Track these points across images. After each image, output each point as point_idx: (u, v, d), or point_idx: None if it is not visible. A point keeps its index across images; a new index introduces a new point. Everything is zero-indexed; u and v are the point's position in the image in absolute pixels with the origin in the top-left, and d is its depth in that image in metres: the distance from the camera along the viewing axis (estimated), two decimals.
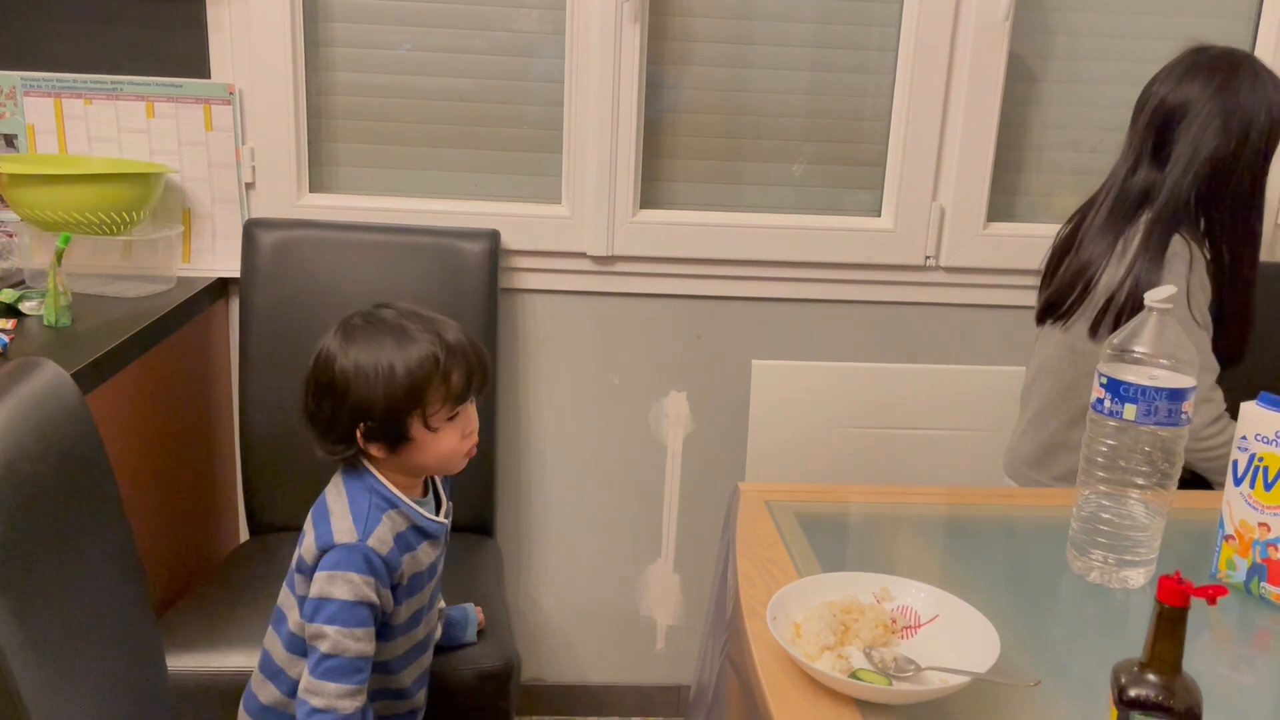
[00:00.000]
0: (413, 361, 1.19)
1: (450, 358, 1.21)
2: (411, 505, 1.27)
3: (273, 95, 1.83)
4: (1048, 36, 1.96)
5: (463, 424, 1.25)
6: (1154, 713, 0.79)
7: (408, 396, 1.19)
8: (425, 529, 1.28)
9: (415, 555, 1.27)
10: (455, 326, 1.25)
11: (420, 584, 1.29)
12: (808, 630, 0.98)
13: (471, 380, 1.24)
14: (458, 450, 1.26)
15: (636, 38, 1.85)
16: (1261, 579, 1.14)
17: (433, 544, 1.31)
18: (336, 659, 1.18)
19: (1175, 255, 1.51)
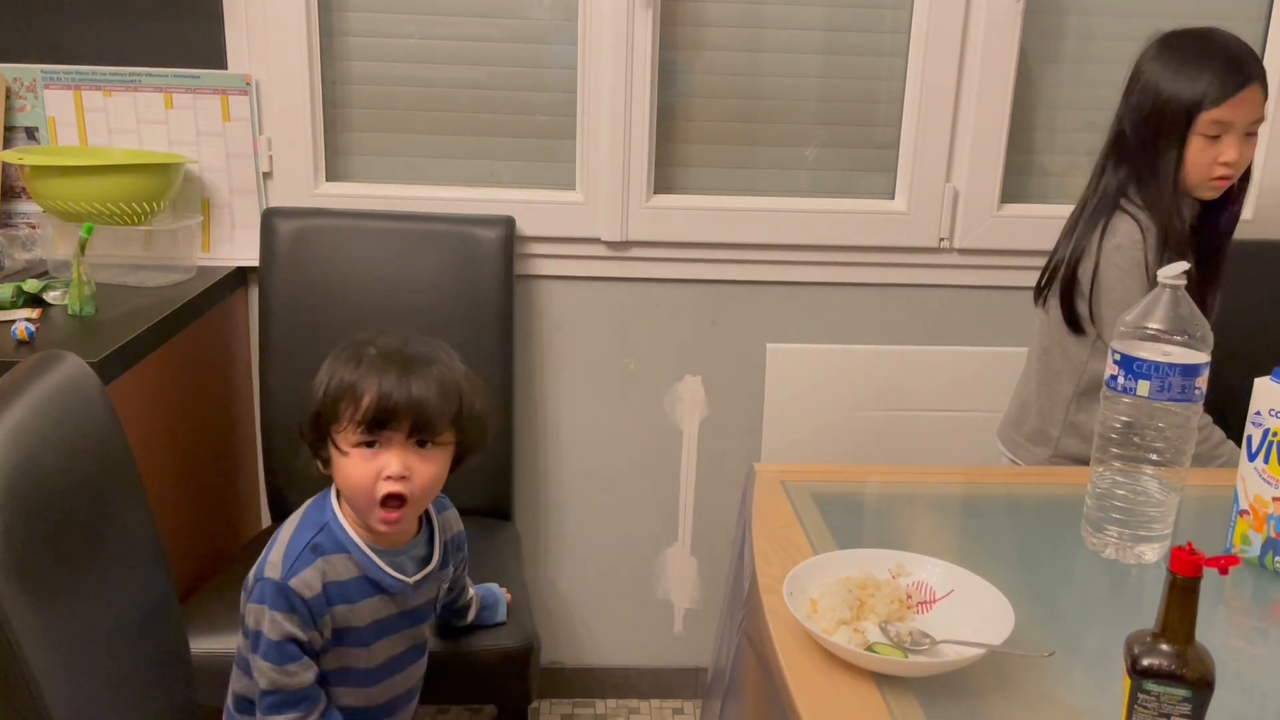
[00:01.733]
0: (342, 376, 1.15)
1: (371, 381, 1.13)
2: (368, 553, 1.19)
3: (289, 85, 1.85)
4: (1060, 16, 1.95)
5: (381, 462, 1.15)
6: (1167, 681, 0.80)
7: (327, 408, 1.15)
8: (378, 582, 1.20)
9: (354, 608, 1.19)
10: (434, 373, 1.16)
11: (360, 640, 1.21)
12: (824, 606, 1.00)
13: (386, 410, 1.13)
14: (367, 487, 1.15)
15: (649, 23, 1.86)
16: (1276, 553, 1.15)
17: (387, 601, 1.22)
18: (276, 694, 1.17)
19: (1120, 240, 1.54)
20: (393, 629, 1.24)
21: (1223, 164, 1.51)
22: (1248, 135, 1.51)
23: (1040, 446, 1.68)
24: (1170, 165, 1.52)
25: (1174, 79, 1.50)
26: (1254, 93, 1.49)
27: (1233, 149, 1.50)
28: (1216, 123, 1.49)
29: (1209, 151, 1.51)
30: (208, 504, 1.83)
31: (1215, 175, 1.52)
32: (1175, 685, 0.80)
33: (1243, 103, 1.49)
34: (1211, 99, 1.48)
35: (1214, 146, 1.50)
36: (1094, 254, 1.55)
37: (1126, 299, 1.52)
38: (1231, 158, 1.50)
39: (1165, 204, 1.52)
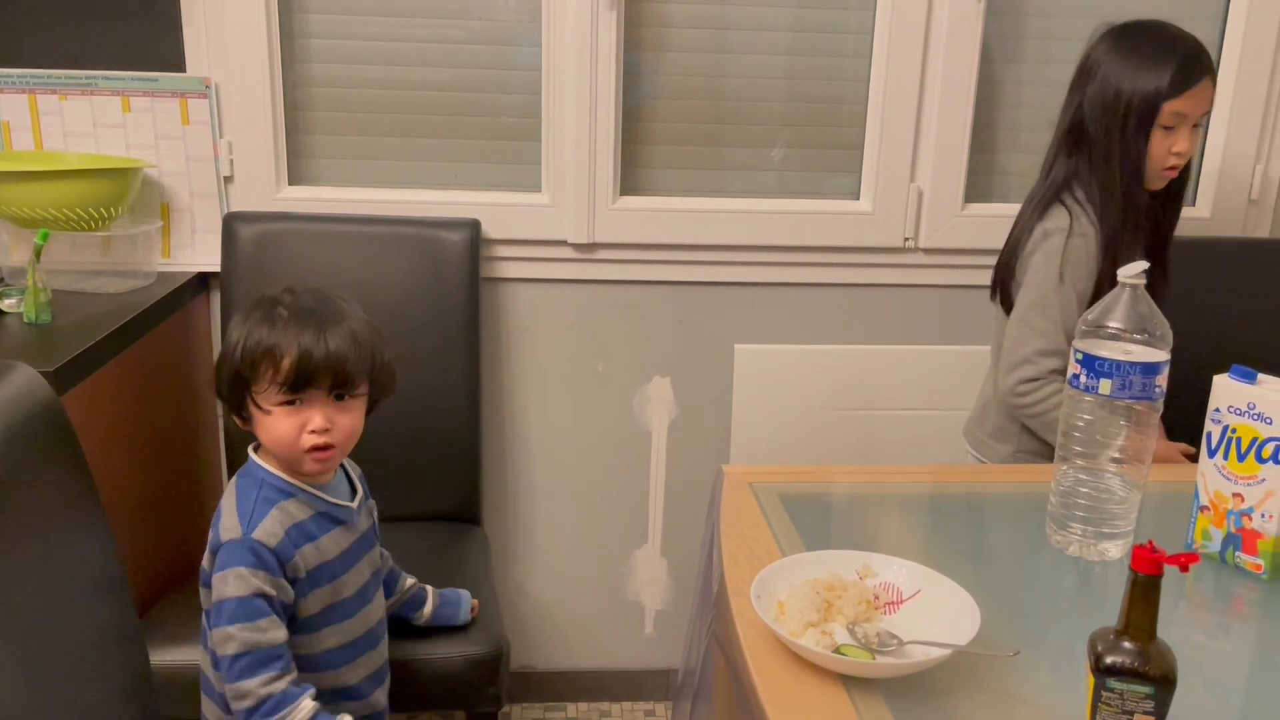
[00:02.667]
0: (256, 336, 1.18)
1: (288, 341, 1.17)
2: (312, 491, 1.24)
3: (249, 88, 1.82)
4: (1020, 17, 1.97)
5: (304, 417, 1.19)
6: (1129, 679, 0.81)
7: (241, 367, 1.18)
8: (332, 515, 1.26)
9: (319, 544, 1.23)
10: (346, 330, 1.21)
11: (332, 574, 1.25)
12: (791, 608, 1.00)
13: (307, 370, 1.17)
14: (294, 441, 1.20)
15: (613, 25, 1.85)
16: (1236, 548, 1.16)
17: (345, 531, 1.27)
18: (249, 655, 1.17)
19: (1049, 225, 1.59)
20: (355, 557, 1.29)
21: (1175, 154, 1.55)
22: (1195, 127, 1.56)
23: (1003, 443, 1.69)
24: (1136, 155, 1.56)
25: (1137, 71, 1.54)
26: (1208, 85, 1.55)
27: (1185, 139, 1.55)
28: (1175, 114, 1.53)
29: (1164, 142, 1.55)
30: (169, 515, 1.80)
31: (1167, 165, 1.57)
32: (1138, 682, 0.81)
33: (1199, 95, 1.54)
34: (1174, 90, 1.52)
35: (1169, 137, 1.55)
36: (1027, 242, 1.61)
37: (1039, 285, 1.59)
38: (1184, 148, 1.55)
39: (1124, 193, 1.56)
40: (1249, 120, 2.01)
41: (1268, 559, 1.14)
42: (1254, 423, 1.12)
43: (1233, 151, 2.03)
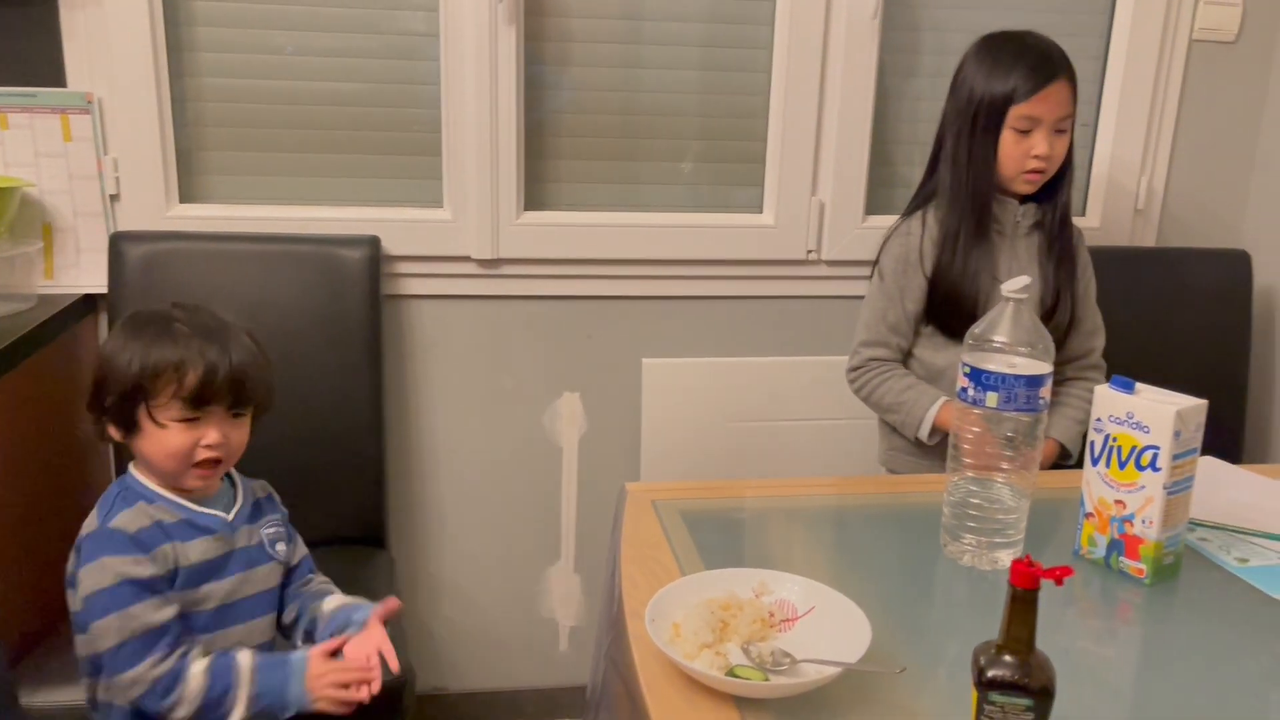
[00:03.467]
0: (153, 352, 1.17)
1: (192, 357, 1.18)
2: (174, 499, 1.22)
3: (135, 103, 1.77)
4: (916, 32, 2.01)
5: (199, 432, 1.20)
6: (1011, 692, 0.82)
7: (141, 383, 1.17)
8: (197, 523, 1.23)
9: (184, 547, 1.20)
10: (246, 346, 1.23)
11: (192, 580, 1.21)
12: (686, 629, 0.99)
13: (211, 386, 1.18)
14: (187, 455, 1.19)
15: (513, 39, 1.84)
16: (1120, 554, 1.19)
17: (215, 542, 1.23)
18: (129, 642, 1.14)
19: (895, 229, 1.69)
20: (224, 571, 1.24)
21: (1034, 157, 1.57)
22: (1058, 131, 1.58)
23: (880, 440, 1.77)
24: (985, 157, 1.60)
25: (988, 77, 1.59)
26: (1060, 88, 1.57)
27: (1043, 143, 1.56)
28: (1026, 117, 1.56)
29: (1021, 145, 1.58)
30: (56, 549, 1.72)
31: (1028, 169, 1.59)
32: (1018, 695, 0.82)
33: (1049, 98, 1.56)
34: (1021, 94, 1.55)
35: (1025, 140, 1.57)
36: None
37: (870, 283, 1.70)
38: (1042, 151, 1.57)
39: (973, 194, 1.61)
40: (1134, 133, 2.08)
41: (1149, 564, 1.17)
42: (1133, 431, 1.15)
43: (1119, 163, 2.09)
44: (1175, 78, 2.07)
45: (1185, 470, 1.16)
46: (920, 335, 1.68)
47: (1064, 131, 1.59)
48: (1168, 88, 2.07)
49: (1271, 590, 1.18)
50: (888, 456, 1.76)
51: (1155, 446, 1.14)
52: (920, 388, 1.65)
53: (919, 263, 1.64)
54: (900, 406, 1.65)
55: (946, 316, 1.63)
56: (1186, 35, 2.05)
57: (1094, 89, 2.09)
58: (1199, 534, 1.31)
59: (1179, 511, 1.18)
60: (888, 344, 1.68)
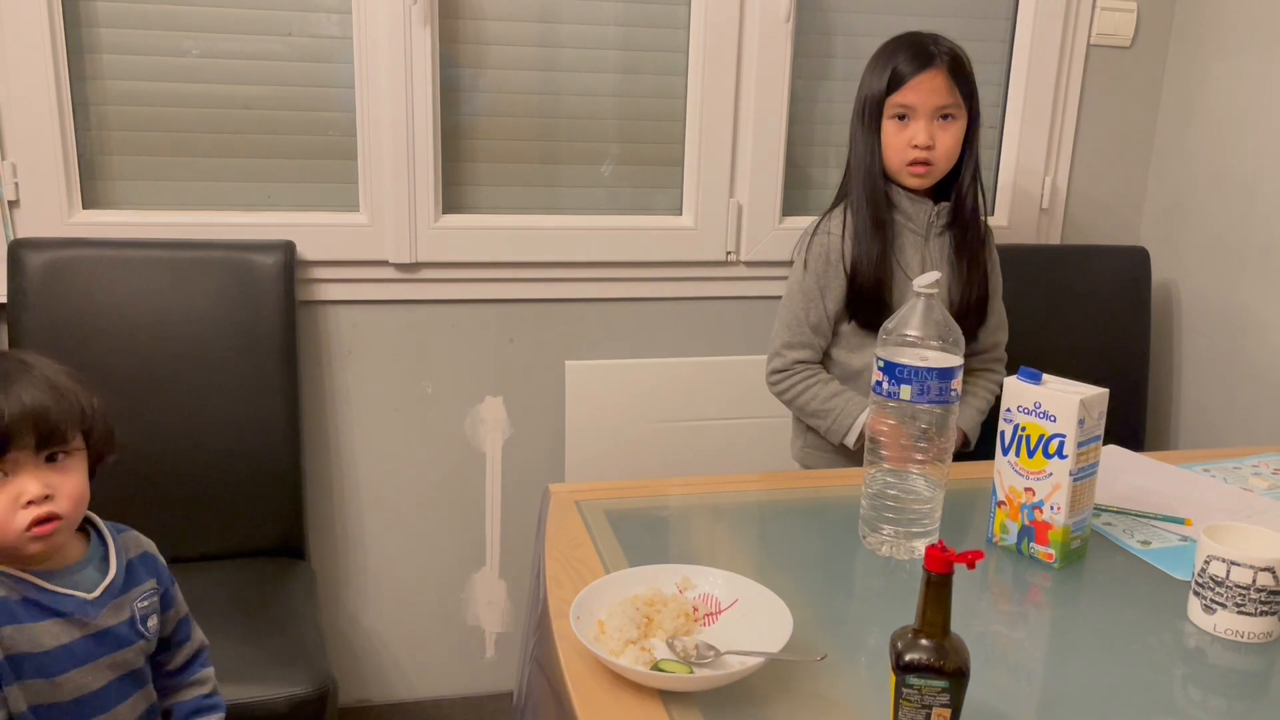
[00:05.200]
0: None
1: None
2: (21, 575, 1.04)
3: (34, 106, 1.71)
4: (828, 37, 2.05)
5: (15, 490, 1.02)
6: (927, 674, 0.84)
7: None
8: (46, 604, 1.04)
9: (26, 630, 1.03)
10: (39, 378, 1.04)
11: (41, 669, 1.04)
12: (611, 626, 0.99)
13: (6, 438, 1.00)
14: (6, 520, 1.01)
15: (428, 40, 1.82)
16: (1030, 540, 1.23)
17: (68, 625, 1.06)
18: None
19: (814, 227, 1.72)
20: (83, 657, 1.07)
21: (914, 146, 1.59)
22: (943, 119, 1.60)
23: (796, 438, 1.80)
24: (870, 149, 1.63)
25: (870, 72, 1.64)
26: (934, 76, 1.58)
27: (921, 131, 1.58)
28: (900, 105, 1.59)
29: (902, 135, 1.60)
30: None
31: (909, 159, 1.60)
32: (934, 677, 0.84)
33: (922, 85, 1.58)
34: (895, 82, 1.59)
35: (905, 130, 1.60)
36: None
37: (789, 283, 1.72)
38: (920, 140, 1.58)
39: (865, 188, 1.64)
40: (1037, 135, 2.15)
41: (1058, 548, 1.21)
42: (1040, 421, 1.19)
43: (1024, 164, 2.16)
44: (1075, 81, 2.14)
45: (1090, 457, 1.20)
46: (838, 335, 1.70)
47: (948, 119, 1.60)
48: (1068, 91, 2.14)
49: (1172, 571, 1.23)
50: (803, 454, 1.78)
51: (1061, 435, 1.18)
52: (847, 395, 1.66)
53: (840, 260, 1.66)
54: (827, 413, 1.66)
55: (867, 313, 1.65)
56: (1085, 40, 2.13)
57: (999, 93, 2.16)
58: (1104, 519, 1.36)
59: (1085, 497, 1.22)
60: (811, 345, 1.69)
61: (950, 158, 1.63)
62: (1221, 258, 2.08)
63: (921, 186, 1.65)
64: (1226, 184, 2.07)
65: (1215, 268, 2.10)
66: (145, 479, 1.71)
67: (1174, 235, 2.20)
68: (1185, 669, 1.04)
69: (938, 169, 1.63)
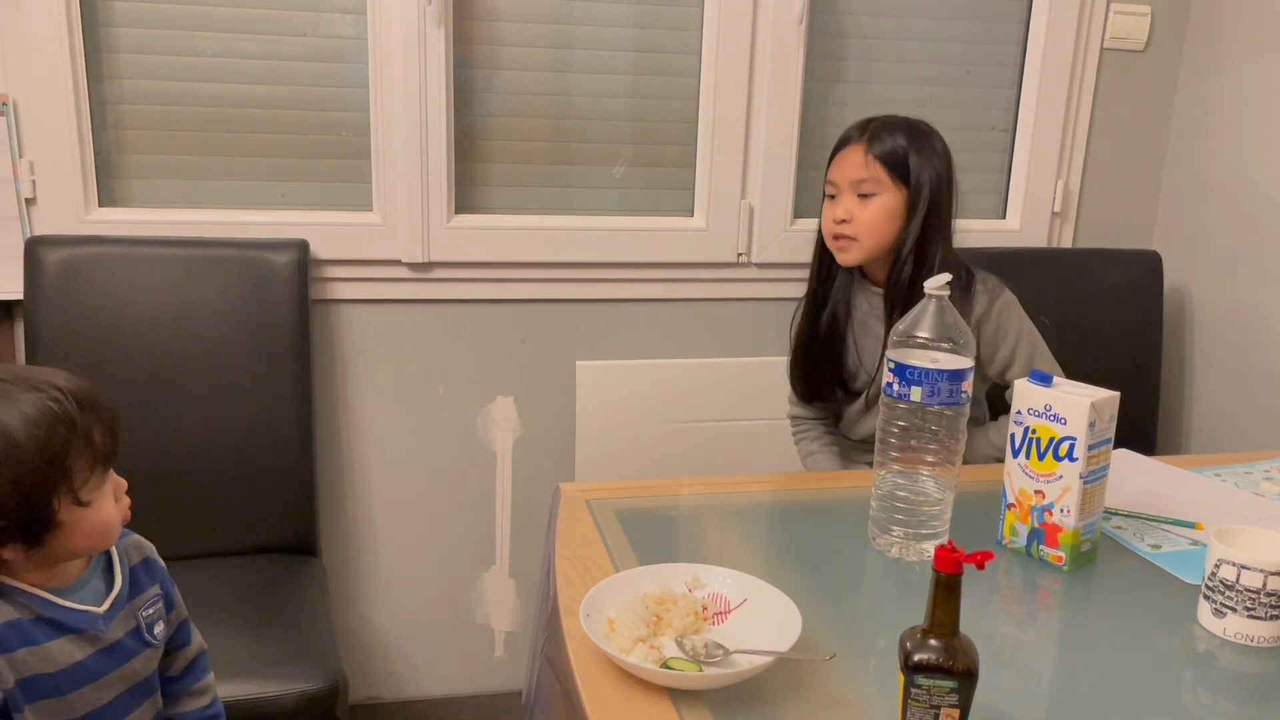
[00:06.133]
0: (37, 427, 0.95)
1: (82, 410, 0.99)
2: (35, 593, 1.02)
3: (52, 105, 1.72)
4: (841, 39, 2.05)
5: (113, 486, 1.05)
6: (935, 675, 0.85)
7: (46, 472, 0.96)
8: (60, 621, 1.03)
9: (40, 651, 1.02)
10: (64, 374, 1.02)
11: (56, 688, 1.04)
12: (621, 624, 1.00)
13: (116, 432, 1.02)
14: (114, 520, 1.04)
15: (442, 41, 1.83)
16: (1040, 542, 1.23)
17: (80, 641, 1.05)
18: None
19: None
20: (96, 673, 1.07)
21: (834, 220, 1.61)
22: (862, 197, 1.59)
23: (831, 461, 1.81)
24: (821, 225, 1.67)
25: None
26: (852, 152, 1.60)
27: (840, 206, 1.60)
28: (829, 183, 1.64)
29: (828, 212, 1.63)
30: None
31: (833, 234, 1.63)
32: (943, 678, 0.85)
33: (841, 163, 1.62)
34: (828, 165, 1.65)
35: (832, 207, 1.63)
36: None
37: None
38: (838, 214, 1.60)
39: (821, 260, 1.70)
40: (1050, 138, 2.15)
41: (1068, 551, 1.21)
42: (1051, 424, 1.19)
43: (1036, 168, 2.16)
44: (1088, 85, 2.14)
45: (1100, 460, 1.20)
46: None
47: (866, 196, 1.59)
48: (1081, 94, 2.14)
49: (1183, 574, 1.22)
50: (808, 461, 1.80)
51: (1072, 437, 1.18)
52: (817, 459, 1.77)
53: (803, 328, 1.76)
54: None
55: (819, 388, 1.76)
56: (1099, 44, 2.13)
57: (1012, 95, 2.15)
58: (1114, 522, 1.36)
59: (1095, 500, 1.22)
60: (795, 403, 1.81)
61: (872, 233, 1.59)
62: (1234, 262, 2.08)
63: (846, 263, 1.65)
64: (1240, 188, 2.06)
65: (1228, 272, 2.09)
66: (158, 475, 1.72)
67: (1187, 239, 2.19)
68: (1195, 672, 1.04)
69: (861, 245, 1.61)
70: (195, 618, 1.23)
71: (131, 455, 1.10)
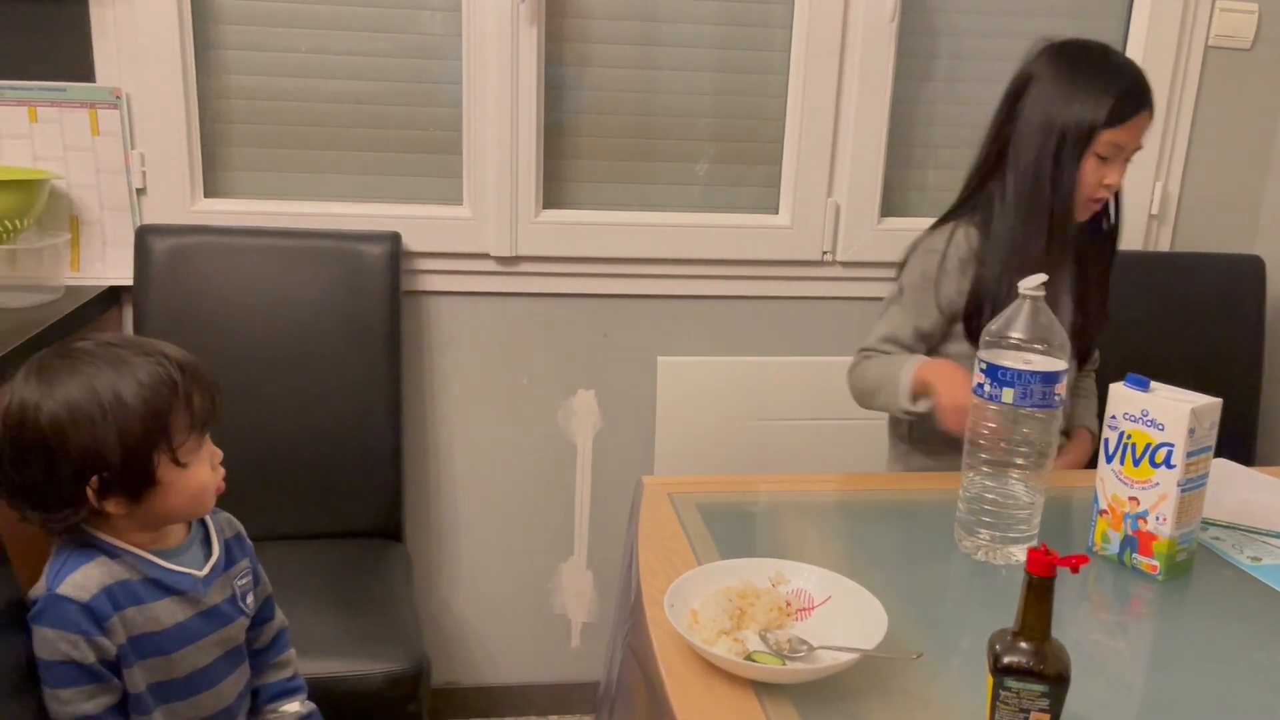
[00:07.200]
0: (145, 387, 1.02)
1: (186, 376, 1.05)
2: (142, 554, 1.08)
3: (163, 99, 1.79)
4: (933, 37, 2.02)
5: (210, 453, 1.10)
6: (1025, 678, 0.84)
7: (149, 429, 1.02)
8: (165, 582, 1.09)
9: (147, 610, 1.08)
10: (174, 347, 1.09)
11: (159, 647, 1.09)
12: (705, 616, 1.01)
13: (215, 400, 1.08)
14: (209, 485, 1.10)
15: (534, 39, 1.86)
16: (1133, 550, 1.20)
17: (183, 603, 1.11)
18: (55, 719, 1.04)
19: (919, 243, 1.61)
20: (195, 634, 1.12)
21: (1105, 185, 1.48)
22: (1126, 160, 1.50)
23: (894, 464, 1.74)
24: (1068, 181, 1.47)
25: (1077, 95, 1.45)
26: (1146, 118, 1.48)
27: (1116, 171, 1.48)
28: (1111, 144, 1.46)
29: (1098, 172, 1.47)
30: None
31: (1095, 195, 1.50)
32: (1033, 681, 0.84)
33: (1137, 127, 1.47)
34: (1115, 119, 1.44)
35: (1102, 167, 1.47)
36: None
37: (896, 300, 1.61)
38: (1114, 180, 1.48)
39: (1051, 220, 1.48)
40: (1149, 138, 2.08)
41: (1162, 560, 1.18)
42: (1147, 429, 1.17)
43: (1134, 168, 2.09)
44: (1191, 84, 2.08)
45: (1199, 468, 1.17)
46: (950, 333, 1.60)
47: (1129, 160, 1.51)
48: (1183, 94, 2.08)
49: None
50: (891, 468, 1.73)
51: (1170, 444, 1.15)
52: (896, 357, 1.54)
53: (934, 284, 1.56)
54: (881, 380, 1.53)
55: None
56: (1203, 41, 2.07)
57: None
58: (1212, 533, 1.32)
59: (1193, 509, 1.19)
60: (904, 346, 1.60)
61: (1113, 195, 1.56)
62: None
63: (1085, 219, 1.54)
64: None
65: None
66: (253, 457, 1.77)
67: None
68: None
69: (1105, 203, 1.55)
70: (286, 596, 1.28)
71: (228, 437, 1.15)
